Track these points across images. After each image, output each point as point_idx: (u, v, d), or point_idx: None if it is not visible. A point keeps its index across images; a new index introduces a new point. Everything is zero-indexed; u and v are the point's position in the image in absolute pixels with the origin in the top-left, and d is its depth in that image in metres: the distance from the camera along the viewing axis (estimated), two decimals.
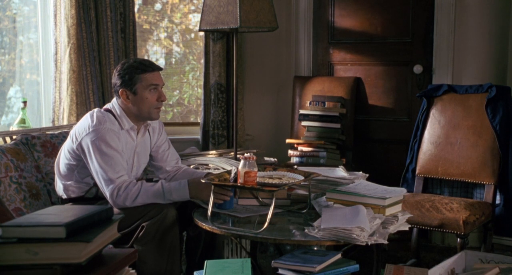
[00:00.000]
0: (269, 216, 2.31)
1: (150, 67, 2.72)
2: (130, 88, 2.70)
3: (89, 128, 2.63)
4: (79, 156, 2.70)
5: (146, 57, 4.13)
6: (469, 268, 2.49)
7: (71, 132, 2.74)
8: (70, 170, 2.77)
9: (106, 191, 2.60)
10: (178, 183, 2.64)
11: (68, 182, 2.78)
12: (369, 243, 2.24)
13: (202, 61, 4.10)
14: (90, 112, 2.74)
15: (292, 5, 4.30)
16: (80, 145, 2.66)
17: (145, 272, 2.54)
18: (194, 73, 4.35)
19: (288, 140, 4.02)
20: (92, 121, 2.65)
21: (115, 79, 2.73)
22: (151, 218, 2.54)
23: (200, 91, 4.18)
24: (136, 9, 3.87)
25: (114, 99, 2.79)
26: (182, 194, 2.62)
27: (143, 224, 2.54)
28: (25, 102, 3.42)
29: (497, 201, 3.42)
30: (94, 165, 2.62)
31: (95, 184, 2.71)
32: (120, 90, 2.71)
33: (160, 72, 2.78)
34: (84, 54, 3.55)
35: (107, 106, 2.80)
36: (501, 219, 3.55)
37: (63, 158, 2.78)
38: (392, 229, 2.35)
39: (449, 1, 3.85)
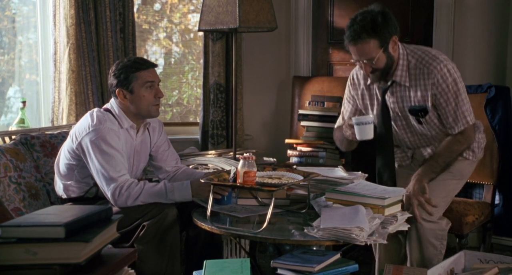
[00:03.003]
0: (268, 216, 2.31)
1: (144, 64, 2.73)
2: (127, 87, 2.70)
3: (89, 128, 2.64)
4: (79, 156, 2.70)
5: (145, 57, 4.13)
6: (469, 268, 2.49)
7: (71, 132, 2.74)
8: (70, 170, 2.77)
9: (107, 190, 2.60)
10: (181, 184, 2.65)
11: (68, 182, 2.78)
12: (368, 243, 2.25)
13: (201, 61, 4.10)
14: (89, 111, 2.75)
15: (291, 5, 4.30)
16: (80, 144, 2.66)
17: (145, 271, 2.54)
18: (194, 73, 4.35)
19: (287, 140, 4.02)
20: (92, 120, 2.65)
21: (111, 80, 2.74)
22: (152, 218, 2.54)
23: (199, 91, 4.18)
24: (135, 9, 3.87)
25: (112, 99, 2.80)
26: (185, 194, 2.62)
27: (144, 223, 2.54)
28: (24, 102, 3.42)
29: (496, 201, 3.42)
30: (94, 165, 2.62)
31: (95, 184, 2.71)
32: (116, 90, 2.72)
33: (157, 70, 2.78)
34: (83, 54, 3.55)
35: (106, 106, 2.81)
36: (500, 219, 3.55)
37: (63, 158, 2.78)
38: (391, 229, 2.35)
39: (448, 1, 3.86)
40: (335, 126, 3.11)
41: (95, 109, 2.75)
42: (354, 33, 2.68)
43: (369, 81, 2.92)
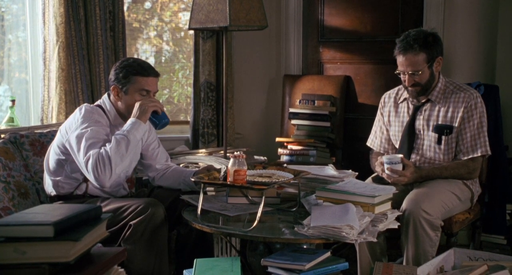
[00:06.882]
0: (258, 214, 2.31)
1: (146, 71, 2.73)
2: (122, 86, 2.73)
3: (77, 121, 2.64)
4: (68, 151, 2.69)
5: (135, 56, 4.12)
6: (458, 265, 2.50)
7: (61, 128, 2.77)
8: (59, 165, 2.76)
9: (88, 174, 2.57)
10: (128, 123, 2.65)
11: (58, 178, 2.77)
12: (359, 241, 2.25)
13: (192, 59, 4.09)
14: (79, 107, 2.77)
15: (282, 3, 4.30)
16: (68, 140, 2.66)
17: (133, 271, 2.52)
18: (184, 71, 4.34)
19: (278, 139, 4.02)
20: (80, 114, 2.69)
21: (111, 74, 2.77)
22: (138, 217, 2.51)
23: (190, 89, 4.18)
24: (125, 8, 3.86)
25: (105, 95, 2.83)
26: (137, 126, 2.63)
27: (131, 223, 2.52)
28: (13, 101, 3.40)
29: (486, 200, 3.44)
30: (80, 155, 2.59)
31: (85, 180, 2.71)
32: (112, 86, 2.75)
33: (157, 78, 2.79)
34: (73, 53, 3.54)
35: (98, 102, 2.84)
36: (490, 217, 3.57)
37: (52, 153, 2.78)
38: (382, 227, 2.36)
39: (438, 0, 3.86)
40: (368, 144, 3.28)
41: (85, 104, 2.79)
42: (407, 44, 2.87)
43: (400, 99, 3.09)
